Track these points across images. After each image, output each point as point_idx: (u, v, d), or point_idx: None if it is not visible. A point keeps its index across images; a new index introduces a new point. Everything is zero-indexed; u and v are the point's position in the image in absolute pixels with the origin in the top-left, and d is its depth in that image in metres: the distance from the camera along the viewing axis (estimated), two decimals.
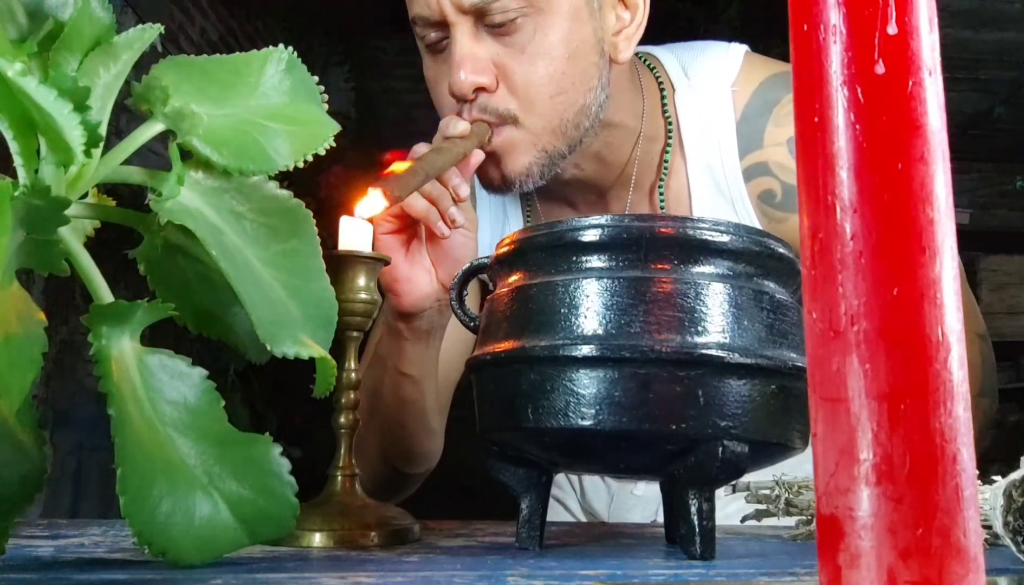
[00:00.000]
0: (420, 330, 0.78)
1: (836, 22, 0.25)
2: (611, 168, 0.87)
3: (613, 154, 0.86)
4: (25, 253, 0.38)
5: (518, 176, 0.78)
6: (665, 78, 0.90)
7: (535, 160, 0.78)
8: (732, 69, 0.88)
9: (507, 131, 0.76)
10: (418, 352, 0.80)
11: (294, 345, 0.45)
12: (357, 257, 0.56)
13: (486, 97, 0.76)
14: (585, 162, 0.85)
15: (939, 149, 0.25)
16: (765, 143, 0.85)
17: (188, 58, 0.49)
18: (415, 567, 0.44)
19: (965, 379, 0.24)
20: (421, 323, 0.78)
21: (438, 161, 0.70)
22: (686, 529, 0.48)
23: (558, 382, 0.47)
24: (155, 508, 0.39)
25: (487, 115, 0.76)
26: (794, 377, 0.48)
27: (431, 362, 0.82)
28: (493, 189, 0.81)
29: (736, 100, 0.87)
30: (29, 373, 0.36)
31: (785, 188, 0.84)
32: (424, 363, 0.81)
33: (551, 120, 0.77)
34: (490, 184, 0.80)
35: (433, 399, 0.85)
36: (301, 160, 0.48)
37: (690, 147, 0.88)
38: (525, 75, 0.76)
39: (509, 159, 0.77)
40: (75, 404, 2.04)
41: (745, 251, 0.49)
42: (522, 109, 0.76)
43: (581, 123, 0.79)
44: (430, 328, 0.79)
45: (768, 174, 0.85)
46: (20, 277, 0.38)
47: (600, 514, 1.01)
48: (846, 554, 0.24)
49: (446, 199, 0.72)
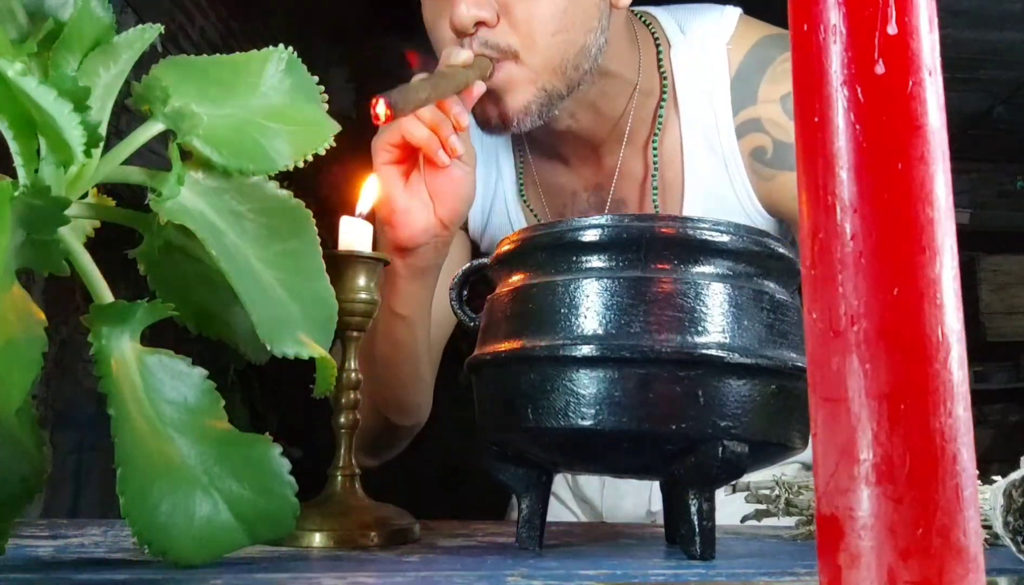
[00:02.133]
0: (415, 267, 0.79)
1: (836, 22, 0.25)
2: (606, 120, 0.88)
3: (609, 105, 0.87)
4: (25, 253, 0.38)
5: (516, 114, 0.78)
6: (661, 35, 0.90)
7: (534, 98, 0.78)
8: (728, 28, 0.88)
9: (507, 67, 0.77)
10: (413, 291, 0.80)
11: (294, 345, 0.45)
12: (357, 257, 0.56)
13: (487, 32, 0.76)
14: (581, 111, 0.85)
15: (939, 149, 0.25)
16: (759, 99, 0.86)
17: (188, 58, 0.49)
18: (415, 567, 0.44)
19: (965, 379, 0.24)
20: (417, 259, 0.78)
21: (441, 84, 0.70)
22: (686, 529, 0.48)
23: (558, 382, 0.47)
24: (155, 508, 0.39)
25: (488, 50, 0.76)
26: (794, 377, 0.48)
27: (425, 303, 0.82)
28: (490, 128, 0.80)
29: (731, 58, 0.87)
30: (29, 373, 0.36)
31: (776, 145, 0.85)
32: (418, 303, 0.81)
33: (551, 58, 0.77)
34: (487, 122, 0.80)
35: (425, 345, 0.85)
36: (301, 160, 0.48)
37: (684, 104, 0.88)
38: (527, 11, 0.76)
39: (508, 96, 0.78)
40: (75, 404, 2.04)
41: (745, 251, 0.49)
42: (523, 45, 0.76)
43: (580, 64, 0.79)
44: (425, 266, 0.79)
45: (760, 130, 0.86)
46: (20, 277, 0.38)
47: (593, 500, 1.01)
48: (846, 554, 0.24)
49: (447, 127, 0.73)
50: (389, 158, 0.75)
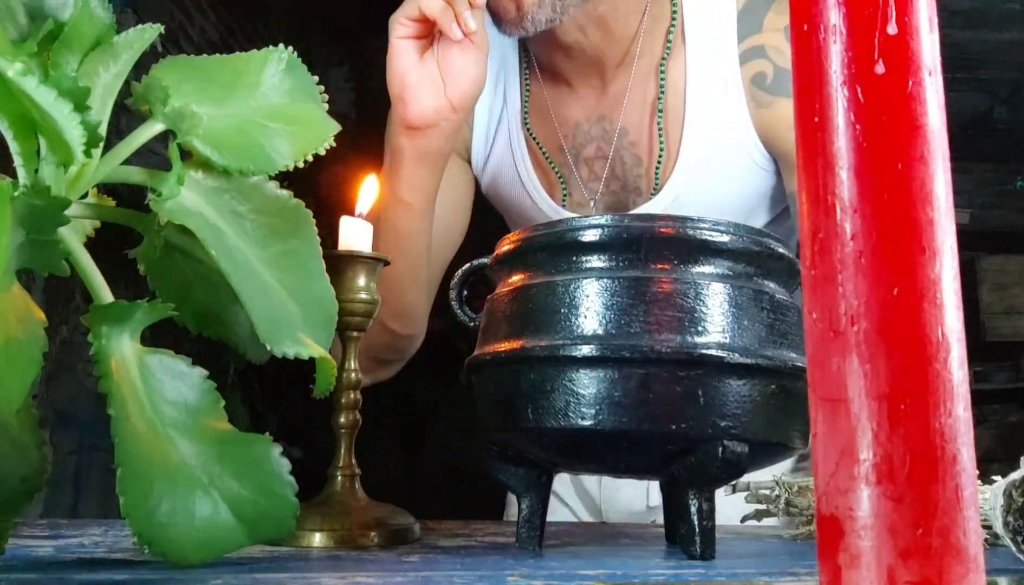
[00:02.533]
0: (422, 149, 0.80)
1: (836, 22, 0.25)
2: (614, 41, 0.89)
3: (618, 24, 0.88)
4: (25, 253, 0.38)
5: (531, 6, 0.80)
6: None
7: None
8: None
9: None
10: (419, 178, 0.82)
11: (294, 345, 0.45)
12: (357, 257, 0.56)
13: None
14: (590, 26, 0.87)
15: (939, 149, 0.25)
16: (764, 28, 0.87)
17: (188, 58, 0.49)
18: (415, 567, 0.44)
19: (965, 379, 0.24)
20: (424, 141, 0.80)
21: None
22: (686, 529, 0.48)
23: (558, 382, 0.47)
24: (155, 508, 0.39)
25: None
26: (794, 377, 0.48)
27: (430, 193, 0.84)
28: (506, 23, 0.83)
29: None
30: (29, 373, 0.36)
31: (777, 71, 0.86)
32: (423, 192, 0.83)
33: None
34: (504, 17, 0.82)
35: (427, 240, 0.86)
36: (301, 160, 0.48)
37: (692, 30, 0.90)
38: None
39: None
40: (75, 404, 2.04)
41: (745, 251, 0.49)
42: None
43: None
44: (433, 149, 0.81)
45: (763, 57, 0.87)
46: (20, 277, 0.38)
47: (590, 491, 1.01)
48: (846, 554, 0.24)
49: (462, 2, 0.75)
50: (405, 32, 0.77)
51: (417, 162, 0.81)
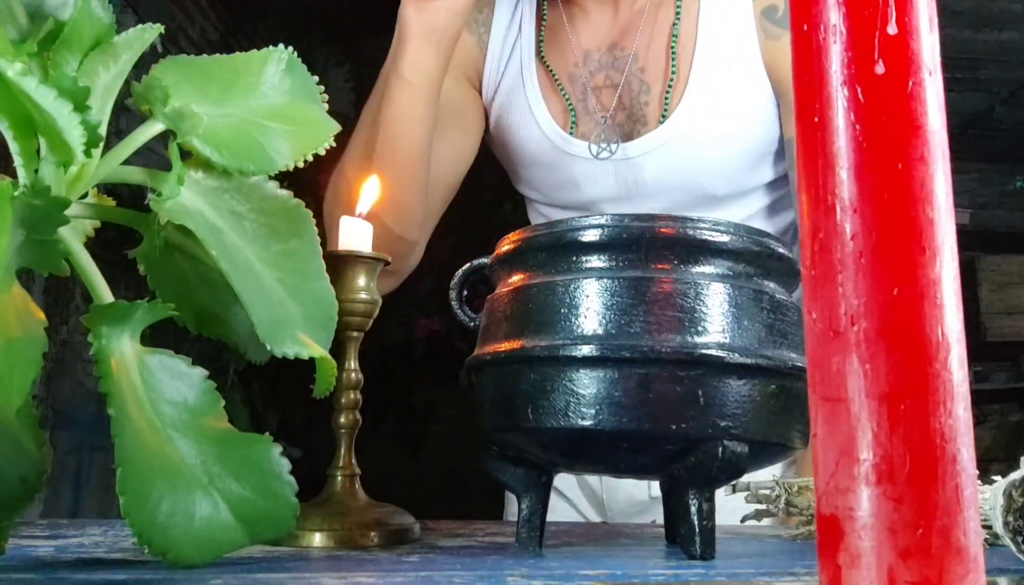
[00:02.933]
0: (428, 25, 0.80)
1: (836, 22, 0.25)
2: None
3: None
4: (25, 253, 0.38)
5: None
6: None
7: None
8: None
9: None
10: (423, 55, 0.81)
11: (294, 345, 0.45)
12: (357, 257, 0.56)
13: None
14: None
15: (939, 149, 0.25)
16: None
17: (188, 58, 0.49)
18: (415, 567, 0.44)
19: (965, 379, 0.24)
20: (432, 16, 0.80)
21: None
22: (686, 529, 0.48)
23: (558, 382, 0.47)
24: (155, 508, 0.39)
25: None
26: (794, 377, 0.48)
27: (434, 75, 0.83)
28: None
29: None
30: (29, 373, 0.36)
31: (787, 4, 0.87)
32: (426, 73, 0.83)
33: None
34: None
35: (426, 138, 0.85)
36: (301, 160, 0.48)
37: None
38: None
39: None
40: (75, 404, 2.04)
41: (745, 251, 0.49)
42: None
43: None
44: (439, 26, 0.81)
45: None
46: (20, 277, 0.38)
47: (592, 483, 1.01)
48: (846, 554, 0.24)
49: None
50: None
51: (423, 38, 0.81)
